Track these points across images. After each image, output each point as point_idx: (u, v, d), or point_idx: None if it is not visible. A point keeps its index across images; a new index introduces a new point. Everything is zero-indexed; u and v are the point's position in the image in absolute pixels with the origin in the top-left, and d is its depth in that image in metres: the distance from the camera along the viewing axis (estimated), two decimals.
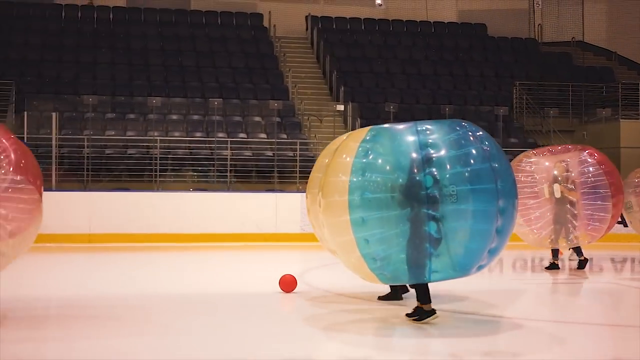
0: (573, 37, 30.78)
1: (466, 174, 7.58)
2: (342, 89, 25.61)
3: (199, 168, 21.52)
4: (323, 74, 27.76)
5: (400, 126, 7.91)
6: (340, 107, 24.12)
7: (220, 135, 22.40)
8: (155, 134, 22.15)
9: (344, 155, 7.91)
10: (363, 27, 29.72)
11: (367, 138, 7.85)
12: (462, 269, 7.81)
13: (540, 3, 31.14)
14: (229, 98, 24.58)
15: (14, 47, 25.51)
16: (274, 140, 22.21)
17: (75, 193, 18.57)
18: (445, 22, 30.58)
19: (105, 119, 22.80)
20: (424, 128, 7.76)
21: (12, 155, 8.44)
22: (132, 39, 26.95)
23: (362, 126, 23.51)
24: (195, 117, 23.59)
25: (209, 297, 10.28)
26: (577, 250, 13.56)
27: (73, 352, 7.15)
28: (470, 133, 7.86)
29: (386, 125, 8.15)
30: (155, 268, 14.23)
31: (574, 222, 12.93)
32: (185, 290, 11.14)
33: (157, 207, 18.59)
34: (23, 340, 7.61)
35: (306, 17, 29.64)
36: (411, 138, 7.68)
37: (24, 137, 20.74)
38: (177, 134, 22.76)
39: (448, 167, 7.58)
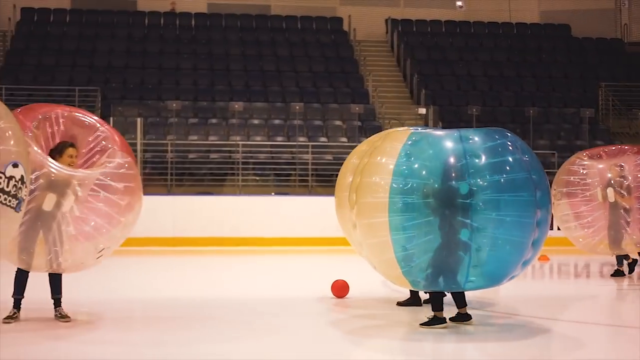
0: None
1: (505, 183, 7.46)
2: (423, 92, 25.42)
3: (281, 172, 21.59)
4: (404, 77, 27.59)
5: (441, 132, 7.89)
6: (422, 111, 23.92)
7: (302, 139, 22.43)
8: (237, 138, 22.30)
9: (382, 158, 7.83)
10: (444, 30, 29.45)
11: (409, 143, 7.76)
12: (495, 279, 7.78)
13: (626, 3, 30.41)
14: (309, 102, 24.62)
15: (99, 54, 26.00)
16: (355, 144, 22.09)
17: (160, 197, 18.78)
18: (528, 23, 30.09)
19: (188, 124, 23.06)
20: (464, 135, 7.69)
21: (117, 137, 8.67)
22: (213, 45, 27.21)
23: None
24: (277, 121, 23.68)
25: (297, 301, 10.26)
26: (623, 257, 12.98)
27: (167, 355, 7.19)
28: (509, 143, 7.75)
29: (427, 130, 8.13)
30: (238, 271, 14.29)
31: (627, 228, 12.38)
32: (268, 293, 11.13)
33: (240, 211, 18.70)
34: (114, 342, 7.69)
35: (386, 20, 29.51)
36: (451, 144, 7.60)
37: None
38: (258, 138, 22.89)
39: (487, 175, 7.47)
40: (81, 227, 8.02)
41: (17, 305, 8.52)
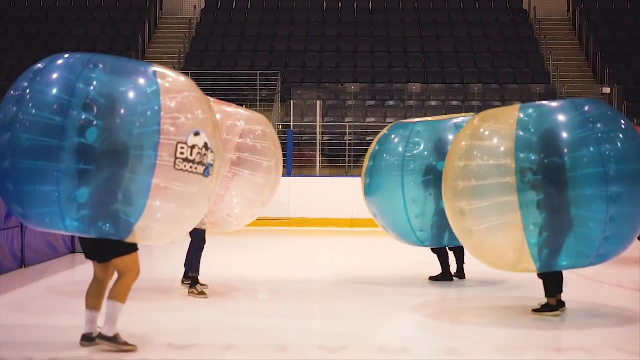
0: None
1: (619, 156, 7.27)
2: (608, 71, 24.52)
3: None
4: (586, 56, 26.71)
5: (555, 104, 7.61)
6: (607, 90, 23.09)
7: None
8: (415, 120, 22.26)
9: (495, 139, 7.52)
10: (629, 6, 28.25)
11: (524, 117, 7.46)
12: (584, 258, 7.39)
13: None
14: (488, 83, 24.28)
15: (279, 39, 26.60)
16: None
17: (338, 179, 19.05)
18: None
19: (366, 106, 23.25)
20: (579, 105, 7.52)
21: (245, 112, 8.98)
22: (390, 27, 27.27)
23: (629, 110, 22.48)
24: (454, 103, 23.49)
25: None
26: None
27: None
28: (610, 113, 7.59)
29: (539, 103, 7.79)
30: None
31: None
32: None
33: None
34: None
35: None
36: (564, 117, 7.40)
37: (290, 125, 21.62)
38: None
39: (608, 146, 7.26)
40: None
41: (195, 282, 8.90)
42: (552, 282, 7.85)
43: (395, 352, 6.51)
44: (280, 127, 22.47)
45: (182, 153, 5.82)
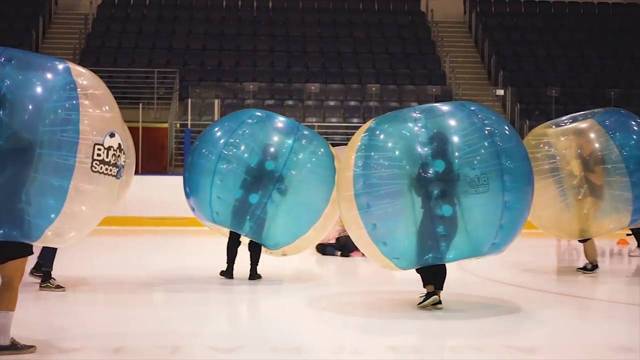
0: None
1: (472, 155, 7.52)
2: (501, 73, 25.10)
3: None
4: (481, 59, 27.29)
5: (405, 110, 8.03)
6: (500, 92, 23.64)
7: None
8: (313, 120, 22.37)
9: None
10: (523, 10, 28.99)
11: (373, 125, 7.94)
12: (475, 249, 7.66)
13: None
14: (386, 84, 24.54)
15: (177, 36, 26.32)
16: None
17: None
18: (610, 2, 29.43)
19: (265, 105, 23.19)
20: (427, 109, 7.91)
21: None
22: (290, 26, 27.31)
23: (521, 111, 23.06)
24: (352, 103, 23.68)
25: None
26: None
27: None
28: (473, 110, 7.85)
29: (389, 114, 8.23)
30: None
31: None
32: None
33: None
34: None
35: (464, 1, 29.20)
36: (411, 125, 7.70)
37: (187, 124, 21.41)
38: (334, 120, 22.93)
39: (457, 149, 7.53)
40: None
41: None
42: (429, 272, 7.97)
43: (289, 351, 6.49)
44: (178, 126, 22.24)
45: (99, 155, 5.71)
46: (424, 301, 8.00)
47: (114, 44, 25.81)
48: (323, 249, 12.79)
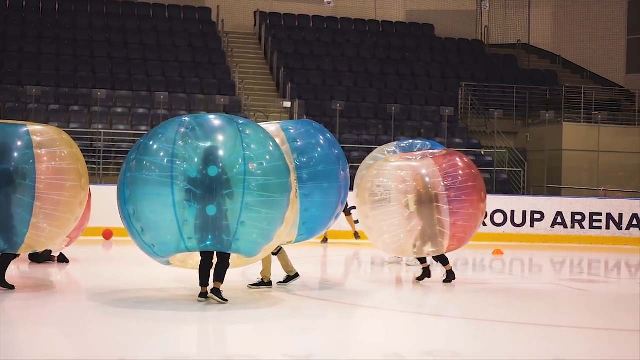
0: (519, 40, 31.15)
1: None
2: (289, 85, 25.61)
3: None
4: (270, 70, 27.74)
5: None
6: (287, 104, 24.13)
7: None
8: (100, 126, 21.95)
9: None
10: (311, 25, 29.76)
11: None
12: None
13: (487, 5, 31.44)
14: (175, 92, 24.44)
15: None
16: None
17: None
18: (393, 21, 30.74)
19: (49, 110, 22.51)
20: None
21: None
22: (77, 30, 26.64)
23: None
24: (141, 110, 23.41)
25: None
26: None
27: None
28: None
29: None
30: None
31: None
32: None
33: (99, 200, 18.33)
34: None
35: (255, 12, 29.60)
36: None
37: None
38: (121, 127, 22.57)
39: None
40: None
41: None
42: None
43: None
44: None
45: None
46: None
47: None
48: None
